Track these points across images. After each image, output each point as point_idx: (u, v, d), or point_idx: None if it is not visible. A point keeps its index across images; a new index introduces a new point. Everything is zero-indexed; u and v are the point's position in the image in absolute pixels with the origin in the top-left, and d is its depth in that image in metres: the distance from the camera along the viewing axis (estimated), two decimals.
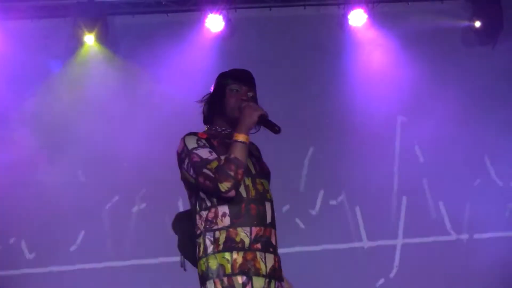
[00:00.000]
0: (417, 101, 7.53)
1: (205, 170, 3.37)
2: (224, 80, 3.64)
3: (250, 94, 3.60)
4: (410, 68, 7.54)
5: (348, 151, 7.53)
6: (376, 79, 7.55)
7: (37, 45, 7.36)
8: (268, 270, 3.42)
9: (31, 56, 7.34)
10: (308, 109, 7.55)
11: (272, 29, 7.69)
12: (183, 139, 3.53)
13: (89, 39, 7.41)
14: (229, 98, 3.59)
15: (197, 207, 3.49)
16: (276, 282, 3.47)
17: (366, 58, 7.58)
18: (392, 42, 7.54)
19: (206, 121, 3.67)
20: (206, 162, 3.39)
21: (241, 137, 3.40)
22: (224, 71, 3.70)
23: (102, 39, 7.49)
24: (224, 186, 3.34)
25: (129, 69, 7.50)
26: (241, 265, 3.37)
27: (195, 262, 3.51)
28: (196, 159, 3.41)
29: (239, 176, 3.35)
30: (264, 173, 3.58)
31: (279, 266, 3.52)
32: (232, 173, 3.34)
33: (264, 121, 3.47)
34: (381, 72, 7.56)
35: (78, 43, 7.45)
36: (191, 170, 3.44)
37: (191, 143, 3.48)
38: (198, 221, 3.47)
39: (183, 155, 3.49)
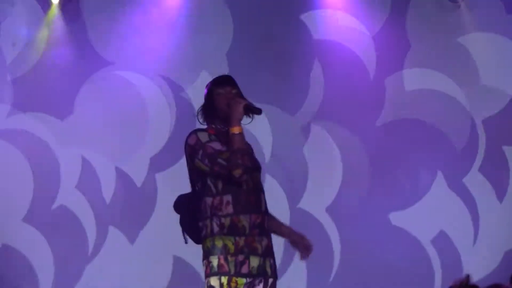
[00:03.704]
0: None
1: (219, 160, 4.13)
2: (210, 88, 4.35)
3: (233, 91, 4.30)
4: None
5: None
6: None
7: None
8: (263, 249, 4.19)
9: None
10: None
11: None
12: (195, 133, 4.25)
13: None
14: (218, 100, 4.30)
15: (203, 192, 4.21)
16: (271, 259, 4.22)
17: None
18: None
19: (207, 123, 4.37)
20: (219, 152, 4.14)
21: (236, 129, 4.17)
22: (208, 82, 4.42)
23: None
24: (236, 173, 4.11)
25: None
26: (242, 246, 4.12)
27: (194, 236, 4.24)
28: (210, 150, 4.16)
29: (246, 162, 4.14)
30: (256, 167, 4.31)
31: (271, 244, 4.28)
32: (240, 161, 4.12)
33: (249, 109, 4.22)
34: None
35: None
36: (206, 160, 4.16)
37: (204, 137, 4.22)
38: (203, 205, 4.20)
39: (197, 146, 4.20)
